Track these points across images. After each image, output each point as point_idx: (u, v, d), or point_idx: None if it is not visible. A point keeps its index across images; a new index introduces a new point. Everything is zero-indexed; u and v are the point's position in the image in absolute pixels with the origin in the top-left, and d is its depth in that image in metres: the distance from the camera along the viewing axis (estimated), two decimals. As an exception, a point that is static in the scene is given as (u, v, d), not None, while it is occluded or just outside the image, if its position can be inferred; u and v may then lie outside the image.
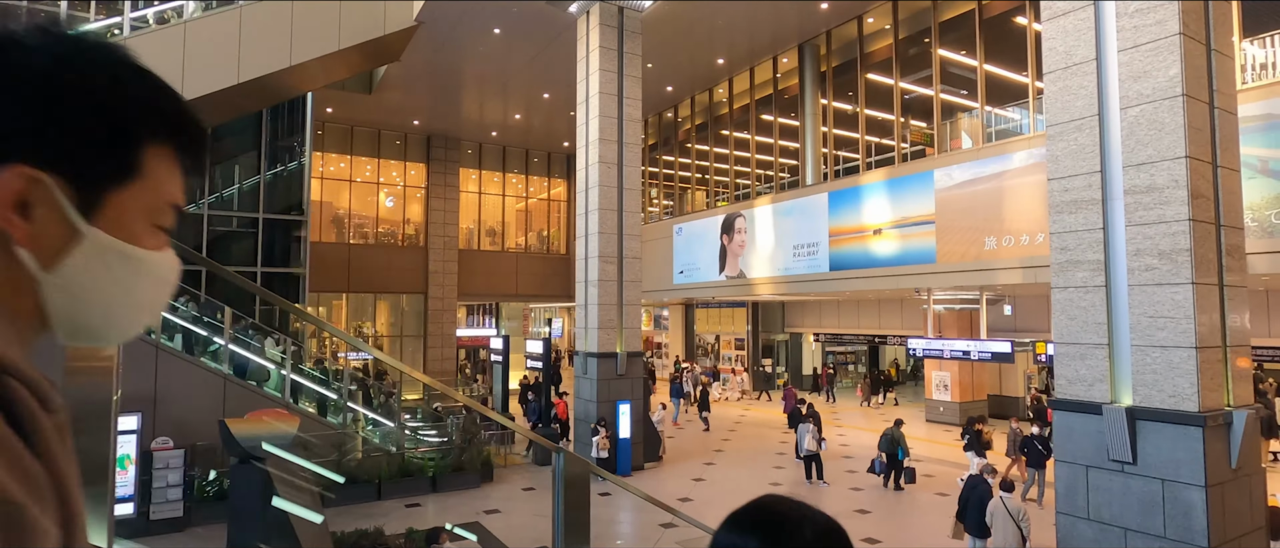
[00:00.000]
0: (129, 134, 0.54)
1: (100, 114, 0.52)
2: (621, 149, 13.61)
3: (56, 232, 0.51)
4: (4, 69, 0.49)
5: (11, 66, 0.49)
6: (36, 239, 0.50)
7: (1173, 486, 5.05)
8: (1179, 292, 5.09)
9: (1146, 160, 5.30)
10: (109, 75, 0.54)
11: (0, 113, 0.48)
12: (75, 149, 0.51)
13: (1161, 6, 5.21)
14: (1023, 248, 11.84)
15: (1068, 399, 5.74)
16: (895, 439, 11.88)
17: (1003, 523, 7.12)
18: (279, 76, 14.11)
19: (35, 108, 0.49)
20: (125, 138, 0.54)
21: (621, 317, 13.46)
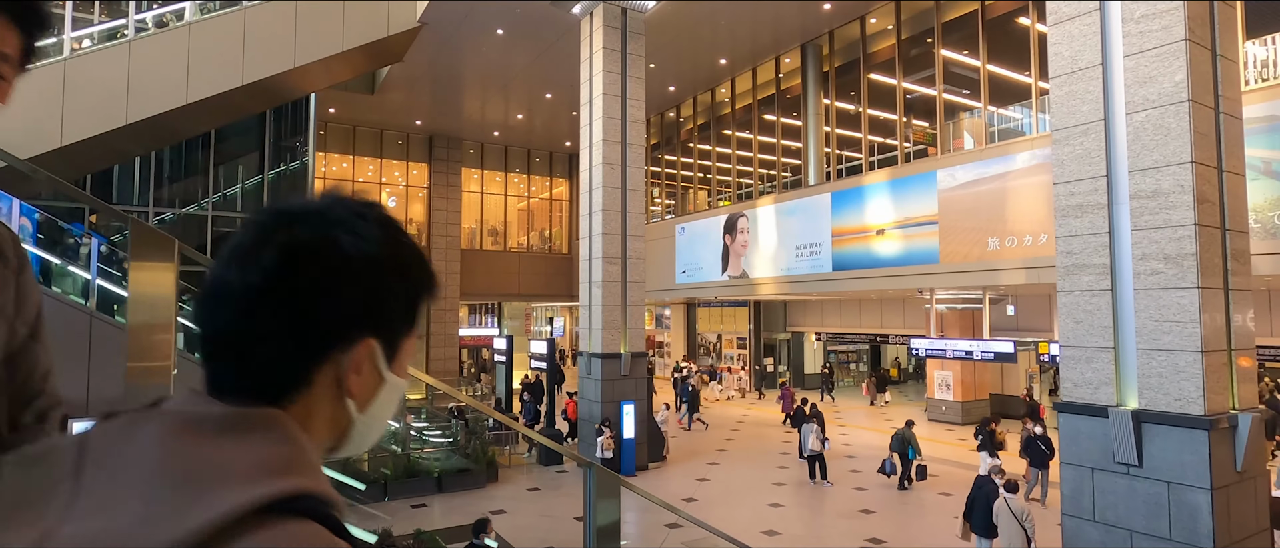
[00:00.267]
0: (420, 297, 0.68)
1: (410, 288, 0.66)
2: (625, 150, 13.64)
3: (372, 381, 0.64)
4: (350, 260, 0.61)
5: (354, 258, 0.61)
6: (361, 390, 0.63)
7: (1178, 488, 5.10)
8: (1185, 296, 5.13)
9: (1152, 165, 5.33)
10: (410, 253, 0.67)
11: (351, 297, 0.60)
12: (394, 317, 0.64)
13: (1167, 13, 5.25)
14: (1026, 249, 11.87)
15: (1074, 402, 5.78)
16: (906, 439, 11.98)
17: (1007, 524, 7.17)
18: (282, 78, 14.15)
19: (375, 290, 0.62)
20: (418, 301, 0.68)
21: (625, 317, 13.51)
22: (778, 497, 11.59)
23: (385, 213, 0.67)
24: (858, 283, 15.54)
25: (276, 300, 0.58)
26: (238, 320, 0.58)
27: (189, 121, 14.19)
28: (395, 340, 0.65)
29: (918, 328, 19.42)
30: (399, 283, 0.64)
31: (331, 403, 0.62)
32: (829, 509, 10.96)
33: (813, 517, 10.69)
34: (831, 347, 28.16)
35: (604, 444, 12.65)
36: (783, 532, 9.80)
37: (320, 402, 0.61)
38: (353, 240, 0.61)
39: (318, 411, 0.61)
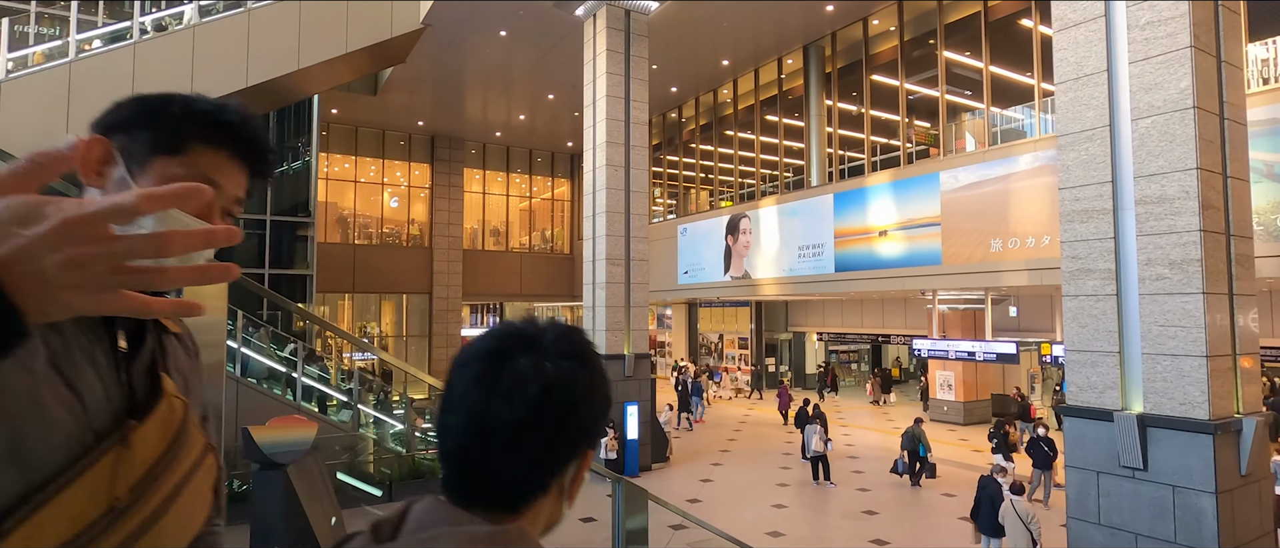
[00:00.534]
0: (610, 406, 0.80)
1: (607, 400, 0.77)
2: (628, 152, 13.68)
3: (581, 482, 0.75)
4: (588, 389, 0.73)
5: (589, 387, 0.73)
6: (576, 491, 0.75)
7: (1183, 492, 5.14)
8: (1190, 301, 5.17)
9: (1158, 171, 5.37)
10: (604, 372, 0.77)
11: (587, 420, 0.73)
12: (600, 427, 0.76)
13: (1172, 20, 5.28)
14: (1029, 250, 11.91)
15: (1079, 406, 5.82)
16: (917, 437, 12.11)
17: (1013, 525, 7.22)
18: (286, 80, 14.19)
19: (597, 410, 0.75)
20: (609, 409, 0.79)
21: (629, 318, 13.55)
22: (781, 498, 11.64)
23: (584, 337, 0.77)
24: (860, 284, 15.58)
25: (537, 430, 0.69)
26: (502, 447, 0.69)
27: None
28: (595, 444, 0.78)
29: (919, 328, 19.47)
30: (604, 401, 0.76)
31: (553, 504, 0.73)
32: (833, 510, 11.01)
33: (817, 518, 10.74)
34: (833, 347, 28.21)
35: (608, 445, 12.70)
36: (787, 533, 9.84)
37: (547, 505, 0.72)
38: (586, 372, 0.73)
39: (543, 512, 0.72)
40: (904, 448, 12.21)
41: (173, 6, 13.82)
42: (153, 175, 0.80)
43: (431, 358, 24.61)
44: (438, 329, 24.68)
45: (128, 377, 0.79)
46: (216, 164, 0.83)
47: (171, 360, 0.87)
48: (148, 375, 0.82)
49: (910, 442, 12.11)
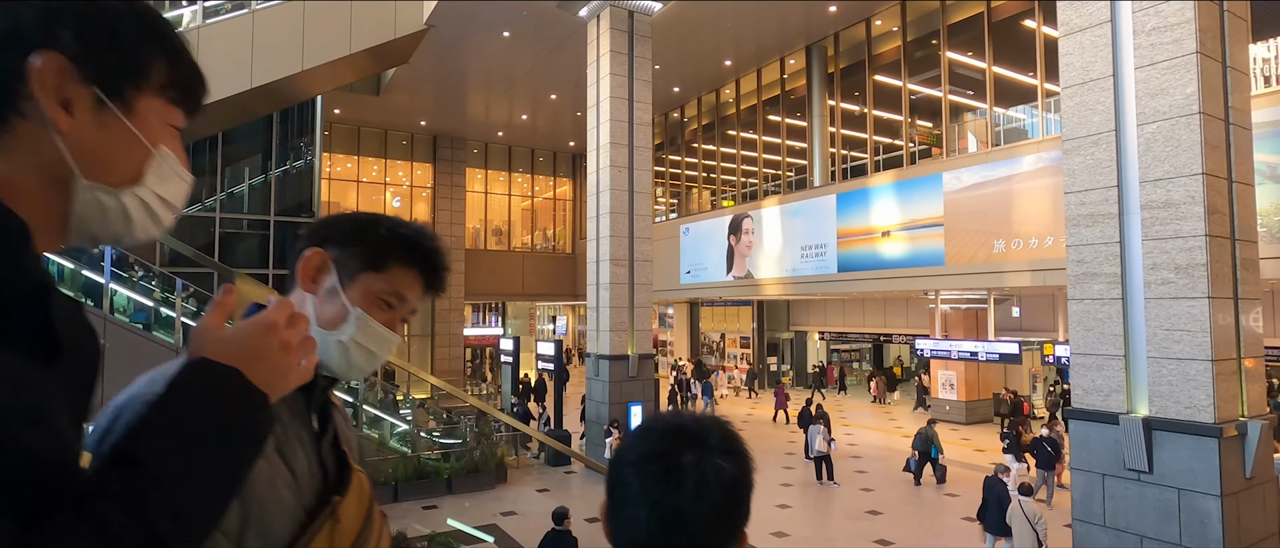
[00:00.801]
0: None
1: None
2: (632, 153, 13.71)
3: None
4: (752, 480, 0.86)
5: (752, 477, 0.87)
6: None
7: (1189, 495, 5.18)
8: (1195, 306, 5.21)
9: (1163, 176, 5.40)
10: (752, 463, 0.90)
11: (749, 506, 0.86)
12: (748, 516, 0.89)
13: (1178, 26, 5.31)
14: (1032, 251, 11.94)
15: (1084, 409, 5.86)
16: (929, 438, 12.22)
17: (1021, 526, 7.28)
18: (289, 81, 14.21)
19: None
20: None
21: (633, 319, 13.59)
22: (785, 498, 11.68)
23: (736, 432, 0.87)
24: (863, 284, 15.62)
25: (720, 521, 0.80)
26: (689, 539, 0.79)
27: (198, 124, 14.23)
28: None
29: (921, 327, 19.50)
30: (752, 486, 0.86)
31: None
32: (836, 510, 11.06)
33: (821, 518, 10.78)
34: (835, 346, 28.24)
35: (612, 445, 12.74)
36: (791, 533, 9.89)
37: None
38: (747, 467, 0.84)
39: None
40: (916, 448, 12.30)
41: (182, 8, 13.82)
42: (359, 288, 0.94)
43: (433, 358, 24.66)
44: (440, 329, 24.73)
45: (320, 454, 0.90)
46: (408, 282, 0.98)
47: (342, 434, 0.99)
48: (335, 452, 0.94)
49: (923, 442, 12.23)
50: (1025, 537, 7.30)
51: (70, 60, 0.57)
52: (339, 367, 0.94)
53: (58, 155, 0.58)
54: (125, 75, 0.61)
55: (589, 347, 14.21)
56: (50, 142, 0.57)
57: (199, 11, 13.33)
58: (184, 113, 0.69)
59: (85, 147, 0.59)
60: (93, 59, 0.58)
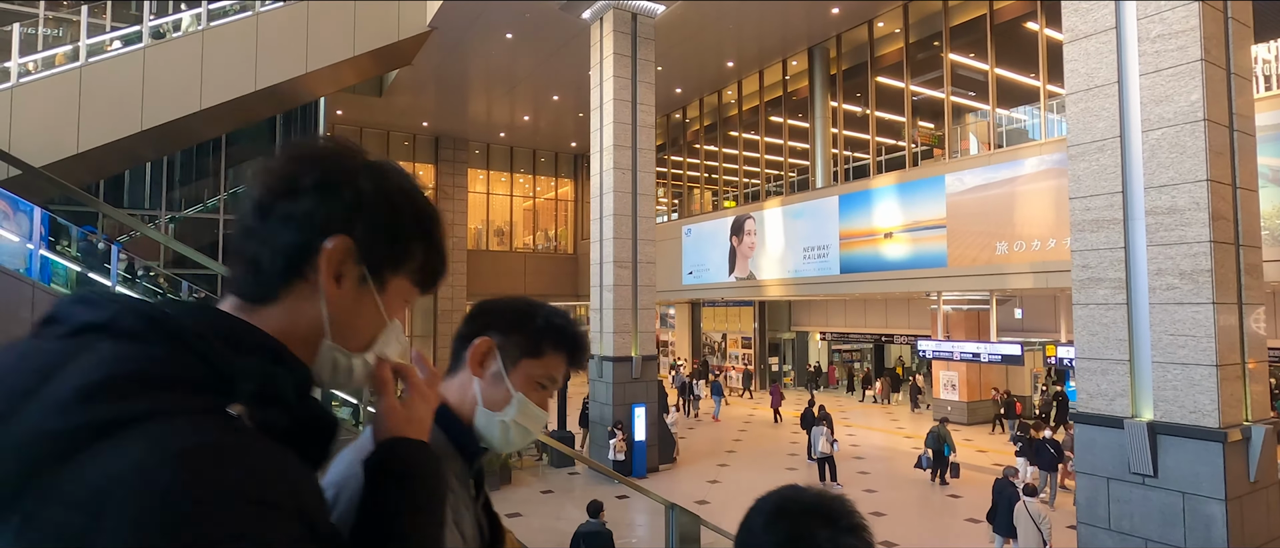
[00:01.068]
0: None
1: None
2: (635, 155, 13.75)
3: None
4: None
5: None
6: None
7: (1193, 499, 5.22)
8: (1200, 311, 5.24)
9: (1168, 183, 5.44)
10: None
11: None
12: None
13: (1183, 33, 5.35)
14: (1034, 253, 11.98)
15: (1089, 413, 5.90)
16: (941, 437, 12.36)
17: (1025, 526, 7.35)
18: (293, 83, 14.25)
19: None
20: None
21: (636, 321, 13.63)
22: (788, 499, 11.72)
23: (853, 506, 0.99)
24: (866, 286, 15.66)
25: None
26: None
27: (202, 126, 14.30)
28: None
29: (923, 328, 19.54)
30: None
31: None
32: (840, 512, 11.09)
33: (824, 519, 10.82)
34: (836, 346, 28.28)
35: (616, 447, 12.79)
36: (795, 535, 9.93)
37: None
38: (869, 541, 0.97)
39: None
40: (929, 446, 12.48)
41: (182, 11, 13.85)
42: (520, 373, 1.05)
43: (436, 358, 24.68)
44: (443, 330, 24.78)
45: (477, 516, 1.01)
46: (559, 364, 1.10)
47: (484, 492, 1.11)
48: (486, 512, 1.05)
49: (935, 441, 12.39)
50: (1030, 537, 7.35)
51: (355, 244, 0.68)
52: (498, 442, 1.05)
53: (319, 316, 0.68)
54: (390, 262, 0.72)
55: (592, 348, 14.25)
56: (317, 305, 0.68)
57: (203, 15, 13.34)
58: (421, 292, 0.79)
59: (340, 313, 0.69)
60: (371, 248, 0.70)
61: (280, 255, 0.66)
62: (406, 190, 0.74)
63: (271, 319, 0.67)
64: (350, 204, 0.68)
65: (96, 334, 0.58)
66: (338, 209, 0.67)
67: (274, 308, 0.67)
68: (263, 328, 0.65)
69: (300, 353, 0.68)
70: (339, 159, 0.71)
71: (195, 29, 13.18)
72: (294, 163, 0.69)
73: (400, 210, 0.72)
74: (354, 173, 0.70)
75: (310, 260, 0.66)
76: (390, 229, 0.71)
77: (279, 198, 0.67)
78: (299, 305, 0.68)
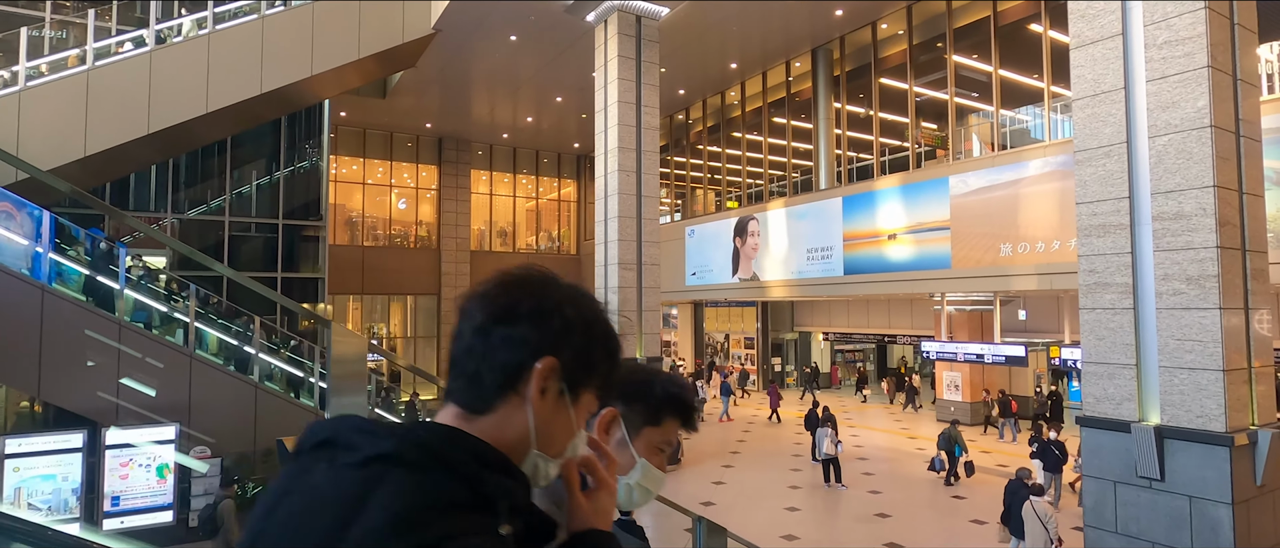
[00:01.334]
0: None
1: None
2: (639, 157, 13.79)
3: None
4: None
5: None
6: None
7: (1200, 502, 5.26)
8: (1207, 317, 5.28)
9: (1175, 188, 5.48)
10: None
11: None
12: None
13: (1190, 41, 5.38)
14: (1039, 255, 12.02)
15: (1096, 416, 5.94)
16: (953, 438, 12.46)
17: (1032, 525, 7.42)
18: (297, 85, 14.30)
19: None
20: None
21: (641, 322, 13.68)
22: (793, 500, 11.77)
23: None
24: (869, 287, 15.70)
25: None
26: None
27: (208, 129, 14.36)
28: None
29: (926, 328, 19.57)
30: None
31: None
32: (845, 513, 11.14)
33: (830, 520, 10.87)
34: (838, 346, 28.33)
35: (621, 448, 12.83)
36: (801, 537, 9.98)
37: None
38: None
39: None
40: (940, 448, 12.57)
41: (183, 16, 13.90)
42: (642, 440, 1.14)
43: (439, 359, 24.75)
44: (446, 331, 24.79)
45: None
46: (676, 430, 1.21)
47: None
48: None
49: (947, 442, 12.50)
50: (1037, 537, 7.42)
51: (560, 364, 0.78)
52: (622, 503, 1.16)
53: (526, 426, 0.77)
54: (583, 379, 0.82)
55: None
56: (525, 416, 0.77)
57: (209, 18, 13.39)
58: (599, 404, 0.88)
59: (543, 424, 0.78)
60: (572, 367, 0.79)
61: (499, 372, 0.76)
62: (599, 318, 0.86)
63: (487, 428, 0.77)
64: (558, 330, 0.79)
65: (386, 464, 0.67)
66: (548, 334, 0.78)
67: (489, 418, 0.77)
68: (483, 437, 0.75)
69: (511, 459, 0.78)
70: (547, 289, 0.83)
71: (201, 32, 13.23)
72: (510, 292, 0.81)
73: (594, 336, 0.83)
74: (561, 303, 0.82)
75: (524, 377, 0.76)
76: (586, 351, 0.81)
77: (499, 322, 0.78)
78: (510, 416, 0.77)
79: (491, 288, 0.82)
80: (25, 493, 9.03)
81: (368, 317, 26.02)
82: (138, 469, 9.66)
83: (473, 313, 0.80)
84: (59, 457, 9.17)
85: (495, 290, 0.81)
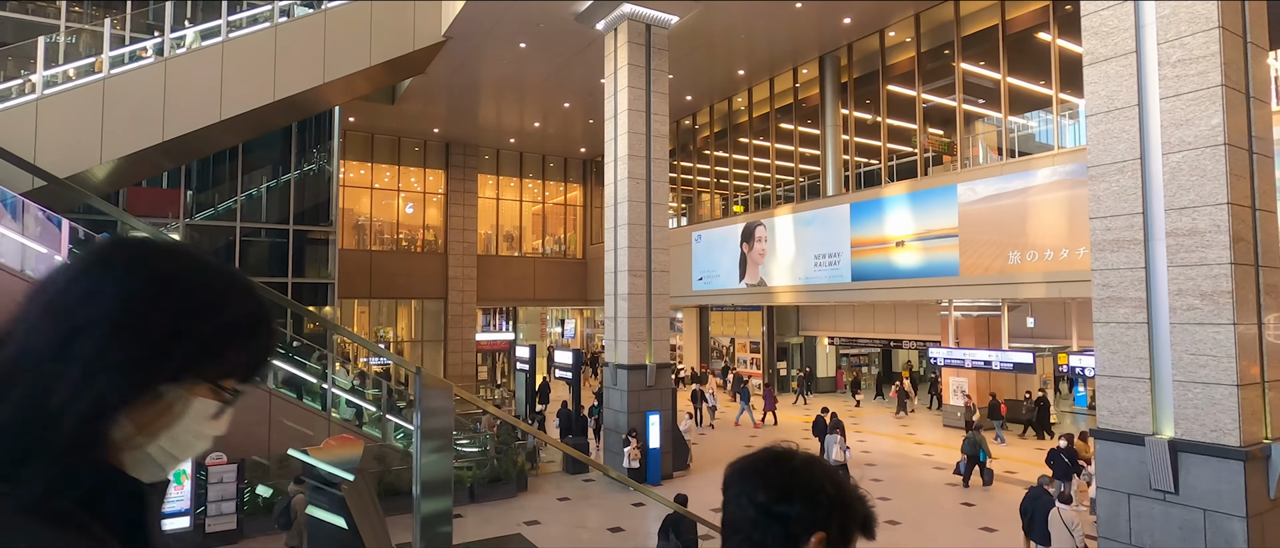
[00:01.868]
0: None
1: None
2: (649, 165, 13.88)
3: None
4: None
5: None
6: None
7: (1214, 516, 5.32)
8: (1221, 332, 5.35)
9: (1189, 205, 5.55)
10: None
11: None
12: None
13: (1204, 59, 5.46)
14: (1047, 263, 12.08)
15: (1110, 429, 6.01)
16: (977, 442, 12.63)
17: (1058, 532, 7.52)
18: (309, 93, 14.41)
19: None
20: None
21: (650, 329, 13.76)
22: (803, 507, 11.83)
23: None
24: (877, 294, 15.77)
25: None
26: None
27: (221, 135, 14.47)
28: None
29: (932, 333, 19.62)
30: None
31: None
32: (855, 520, 11.19)
33: (840, 528, 10.92)
34: (844, 351, 28.37)
35: (630, 454, 12.91)
36: (812, 543, 10.04)
37: None
38: None
39: None
40: (965, 452, 12.77)
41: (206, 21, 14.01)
42: None
43: (446, 363, 24.85)
44: (453, 334, 24.93)
45: None
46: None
47: None
48: None
49: (971, 447, 12.68)
50: (1063, 541, 7.52)
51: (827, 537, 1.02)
52: None
53: None
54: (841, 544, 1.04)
55: (607, 357, 14.39)
56: None
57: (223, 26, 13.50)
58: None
59: None
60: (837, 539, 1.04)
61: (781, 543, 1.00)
62: (847, 491, 1.07)
63: None
64: (825, 508, 1.01)
65: None
66: (820, 513, 1.01)
67: None
68: None
69: None
70: (813, 473, 1.05)
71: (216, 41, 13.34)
72: (785, 478, 1.03)
73: (852, 508, 1.06)
74: (822, 484, 1.04)
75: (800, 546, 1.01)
76: (846, 523, 1.03)
77: (778, 502, 1.01)
78: None
79: (769, 472, 1.04)
80: (45, 499, 9.14)
81: (375, 320, 26.14)
82: (155, 476, 9.76)
83: (756, 494, 1.02)
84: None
85: (772, 473, 1.03)
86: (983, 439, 12.66)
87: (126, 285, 0.66)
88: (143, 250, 0.70)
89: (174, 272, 0.69)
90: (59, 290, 0.66)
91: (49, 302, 0.66)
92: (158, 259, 0.69)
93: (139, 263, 0.68)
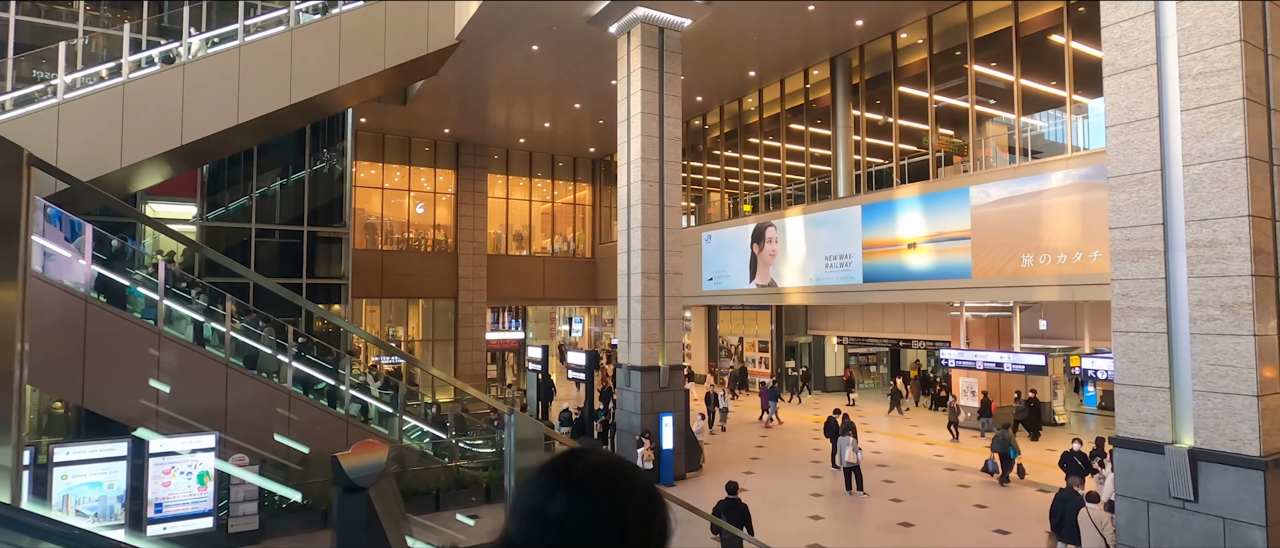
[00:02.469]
0: None
1: None
2: (662, 168, 13.95)
3: None
4: None
5: None
6: None
7: (1234, 525, 5.39)
8: (1241, 343, 5.40)
9: (1209, 216, 5.60)
10: None
11: None
12: None
13: (1225, 72, 5.50)
14: (1061, 266, 12.11)
15: (1129, 438, 6.07)
16: (1007, 441, 12.88)
17: (1088, 531, 7.63)
18: (324, 95, 14.52)
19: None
20: None
21: (663, 331, 13.85)
22: (817, 508, 11.92)
23: None
24: (888, 295, 15.81)
25: None
26: None
27: (238, 138, 14.60)
28: None
29: (942, 334, 19.65)
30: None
31: None
32: (869, 521, 11.28)
33: (855, 529, 11.01)
34: (852, 350, 28.42)
35: (644, 455, 13.02)
36: (828, 546, 10.13)
37: None
38: None
39: None
40: (995, 451, 13.02)
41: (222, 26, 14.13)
42: None
43: (457, 363, 25.00)
44: (463, 333, 25.07)
45: None
46: None
47: None
48: None
49: (1001, 445, 12.92)
50: (1092, 539, 7.62)
51: None
52: None
53: None
54: None
55: (620, 358, 14.49)
56: None
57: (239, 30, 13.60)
58: None
59: None
60: None
61: None
62: None
63: None
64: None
65: None
66: None
67: None
68: None
69: None
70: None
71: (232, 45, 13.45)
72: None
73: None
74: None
75: None
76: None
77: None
78: None
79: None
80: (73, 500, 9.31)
81: (385, 319, 26.31)
82: (179, 477, 9.92)
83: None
84: (104, 464, 9.45)
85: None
86: (1012, 438, 12.94)
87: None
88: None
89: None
90: None
91: None
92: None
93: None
